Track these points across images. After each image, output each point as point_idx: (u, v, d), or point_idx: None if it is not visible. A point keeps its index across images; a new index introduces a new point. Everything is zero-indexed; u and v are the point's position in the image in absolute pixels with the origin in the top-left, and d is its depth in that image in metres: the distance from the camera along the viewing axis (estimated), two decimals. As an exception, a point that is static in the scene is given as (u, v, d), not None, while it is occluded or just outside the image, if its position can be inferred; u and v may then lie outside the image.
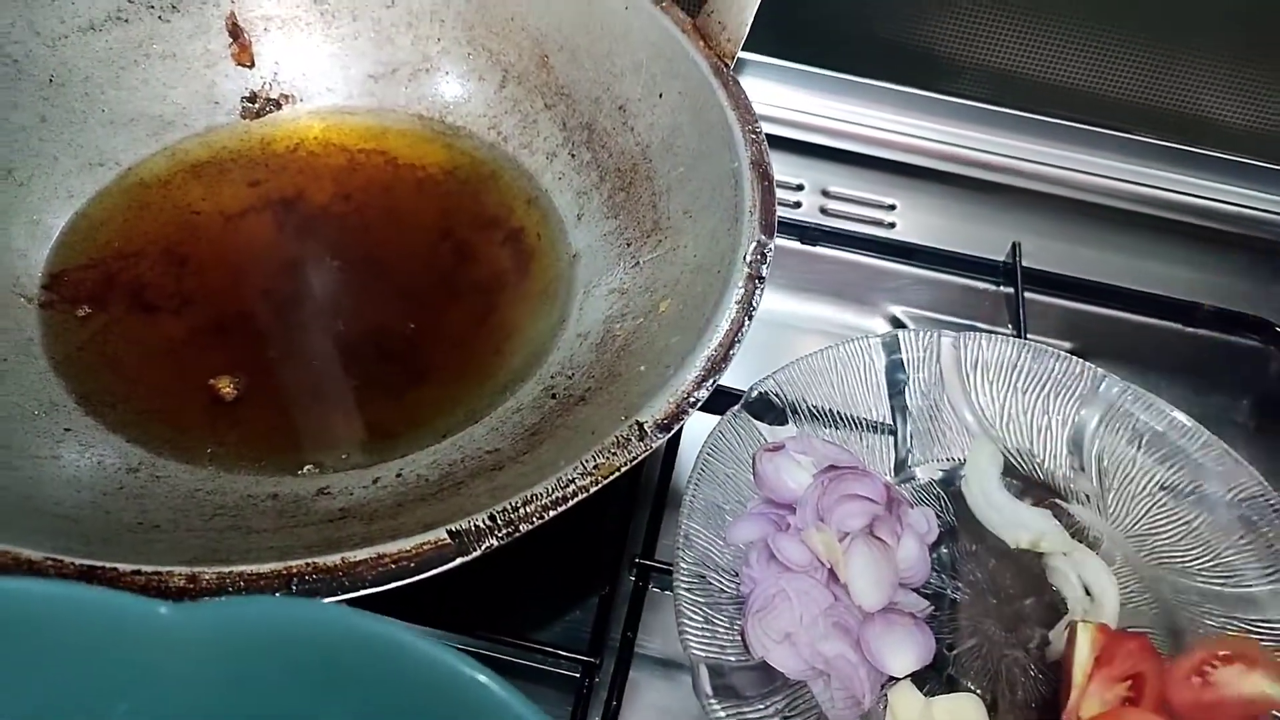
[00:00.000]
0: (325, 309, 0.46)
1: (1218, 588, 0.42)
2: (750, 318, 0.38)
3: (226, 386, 0.42)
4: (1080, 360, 0.47)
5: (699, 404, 0.36)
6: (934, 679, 0.39)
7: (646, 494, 0.44)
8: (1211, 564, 0.43)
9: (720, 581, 0.39)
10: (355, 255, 0.48)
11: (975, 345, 0.48)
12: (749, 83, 0.62)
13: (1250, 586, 0.42)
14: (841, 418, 0.46)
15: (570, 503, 0.32)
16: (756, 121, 0.45)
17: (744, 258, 0.40)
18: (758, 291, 0.39)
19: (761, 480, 0.42)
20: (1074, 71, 0.59)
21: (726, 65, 0.48)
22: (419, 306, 0.47)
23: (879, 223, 0.59)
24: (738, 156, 0.44)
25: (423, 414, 0.42)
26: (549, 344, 0.45)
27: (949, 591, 0.41)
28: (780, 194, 0.59)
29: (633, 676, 0.42)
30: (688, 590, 0.38)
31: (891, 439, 0.46)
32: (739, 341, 0.37)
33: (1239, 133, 0.60)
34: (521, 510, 0.32)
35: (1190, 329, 0.56)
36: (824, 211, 0.59)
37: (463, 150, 0.53)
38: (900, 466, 0.45)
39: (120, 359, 0.43)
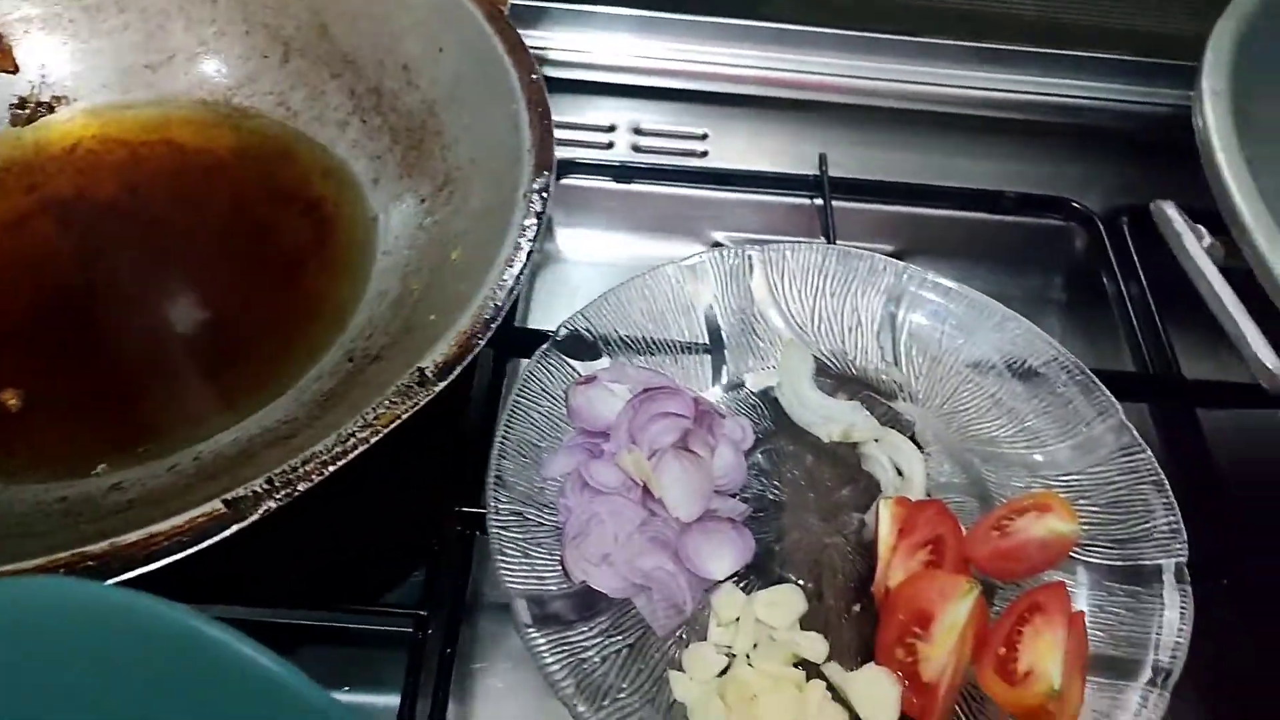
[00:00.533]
0: (118, 305, 0.45)
1: (1021, 452, 0.44)
2: (531, 253, 0.38)
3: (11, 399, 0.40)
4: (884, 258, 0.49)
5: (482, 344, 0.36)
6: (757, 577, 0.40)
7: (469, 444, 0.44)
8: (1015, 431, 0.45)
9: (539, 517, 0.40)
10: (146, 248, 0.47)
11: (780, 256, 0.49)
12: (549, 31, 0.62)
13: (1049, 446, 0.44)
14: (656, 344, 0.46)
15: (350, 456, 0.32)
16: (533, 65, 0.45)
17: (523, 195, 0.40)
18: (537, 227, 0.39)
19: (575, 413, 0.42)
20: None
21: (501, 13, 0.48)
22: (219, 290, 0.46)
23: (692, 153, 0.60)
24: (516, 99, 0.44)
25: (227, 396, 0.42)
26: (351, 309, 0.44)
27: (769, 493, 0.43)
28: (592, 136, 0.60)
29: (480, 625, 0.42)
30: (502, 529, 0.38)
31: (708, 357, 0.47)
32: (521, 277, 0.38)
33: (1025, 23, 0.62)
34: (301, 469, 0.32)
35: (997, 216, 0.58)
36: (637, 149, 0.59)
37: (252, 130, 0.52)
38: (719, 382, 0.46)
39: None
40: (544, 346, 0.44)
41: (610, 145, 0.59)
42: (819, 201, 0.56)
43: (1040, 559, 0.39)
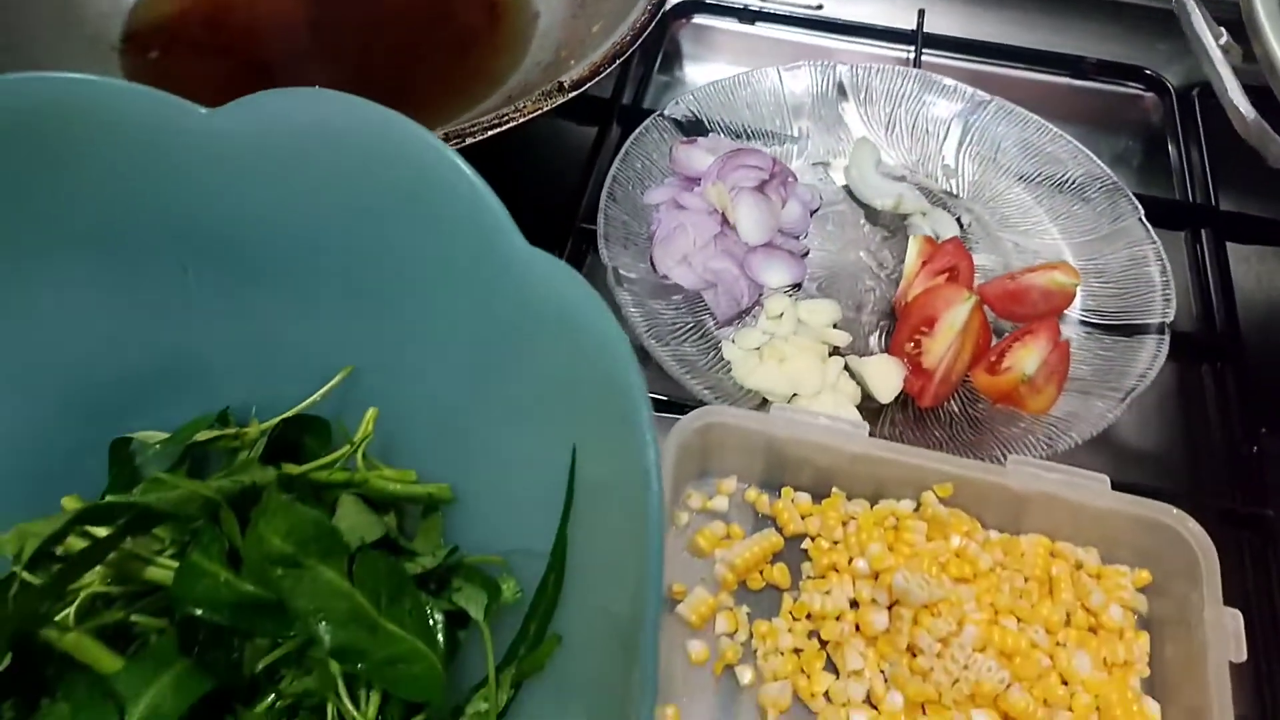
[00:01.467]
0: (328, 54, 0.59)
1: (1051, 242, 0.52)
2: (654, 18, 0.49)
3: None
4: (958, 83, 0.57)
5: (605, 72, 0.46)
6: (805, 293, 0.49)
7: (597, 186, 0.54)
8: (1049, 224, 0.52)
9: (639, 228, 0.50)
10: (356, 17, 0.60)
11: (867, 71, 0.57)
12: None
13: (1076, 239, 0.51)
14: (754, 131, 0.56)
15: (503, 127, 0.44)
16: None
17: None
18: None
19: (675, 161, 0.52)
20: None
21: None
22: (406, 52, 0.58)
23: (809, 4, 0.68)
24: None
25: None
26: (510, 75, 0.56)
27: (828, 243, 0.52)
28: (725, -12, 0.70)
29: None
30: (607, 226, 0.49)
31: (795, 146, 0.56)
32: (642, 33, 0.48)
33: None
34: (469, 129, 0.43)
35: (1078, 80, 0.64)
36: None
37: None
38: (801, 162, 0.56)
39: (181, 89, 0.55)
40: (654, 115, 0.54)
41: (740, -6, 0.69)
42: (913, 52, 0.64)
43: (1044, 304, 0.47)
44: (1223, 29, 0.45)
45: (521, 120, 0.44)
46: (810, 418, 0.38)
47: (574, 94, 0.46)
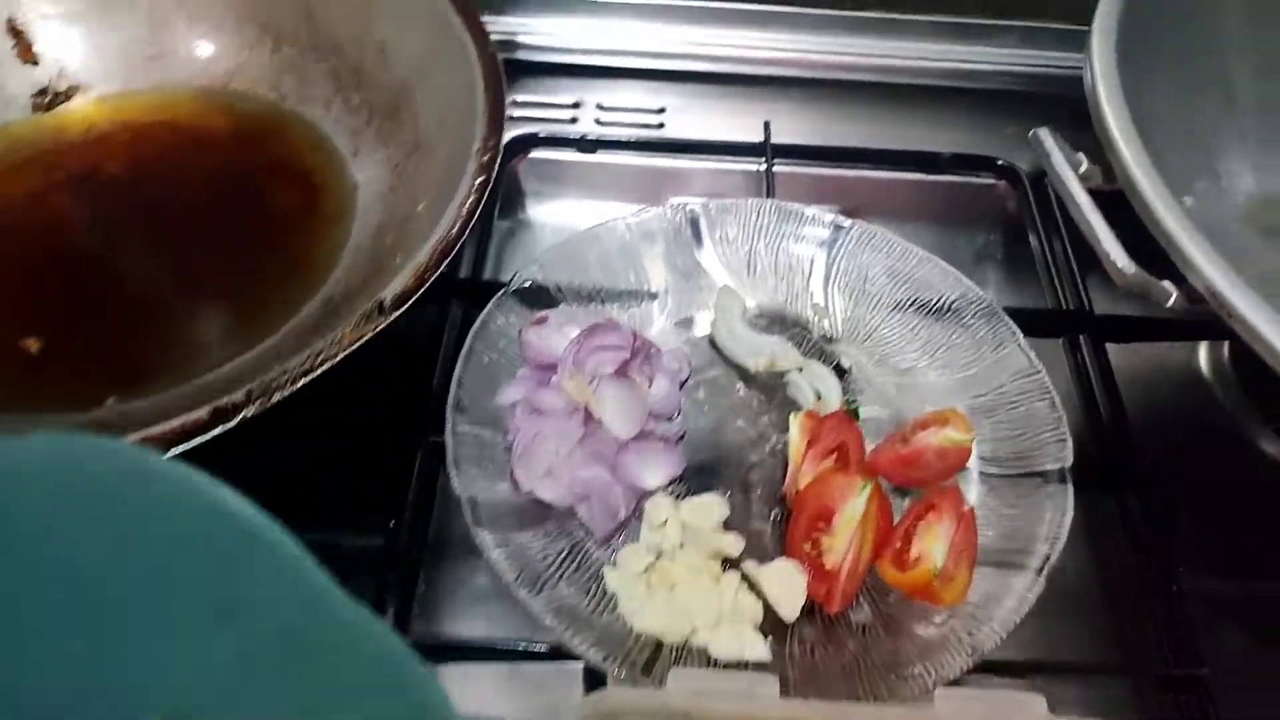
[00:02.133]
0: (125, 265, 0.51)
1: (934, 379, 0.49)
2: (482, 199, 0.44)
3: (33, 344, 0.46)
4: (817, 210, 0.54)
5: (433, 278, 0.41)
6: (687, 488, 0.45)
7: (440, 386, 0.49)
8: (929, 360, 0.49)
9: (493, 438, 0.45)
10: (151, 216, 0.53)
11: (722, 211, 0.54)
12: (519, 18, 0.67)
13: (959, 373, 0.48)
14: (607, 292, 0.51)
15: (317, 371, 0.38)
16: (488, 39, 0.51)
17: (475, 151, 0.45)
18: (488, 175, 0.44)
19: (526, 347, 0.47)
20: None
21: (463, -6, 0.53)
22: (216, 250, 0.51)
23: (650, 126, 0.64)
24: (474, 69, 0.49)
25: (221, 339, 0.47)
26: (333, 262, 0.50)
27: (701, 418, 0.47)
28: (559, 114, 0.66)
29: (446, 544, 0.47)
30: (459, 446, 0.43)
31: (654, 303, 0.52)
32: (471, 220, 0.43)
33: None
34: (276, 381, 0.37)
35: (934, 176, 0.62)
36: (600, 123, 0.64)
37: (247, 111, 0.58)
38: (662, 322, 0.51)
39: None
40: (500, 293, 0.49)
41: (575, 120, 0.65)
42: (764, 165, 0.61)
43: (939, 466, 0.43)
44: (1081, 154, 0.43)
45: (340, 357, 0.38)
46: (711, 679, 0.34)
47: (397, 313, 0.40)
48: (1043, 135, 0.41)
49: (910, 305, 0.51)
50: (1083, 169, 0.42)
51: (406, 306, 0.40)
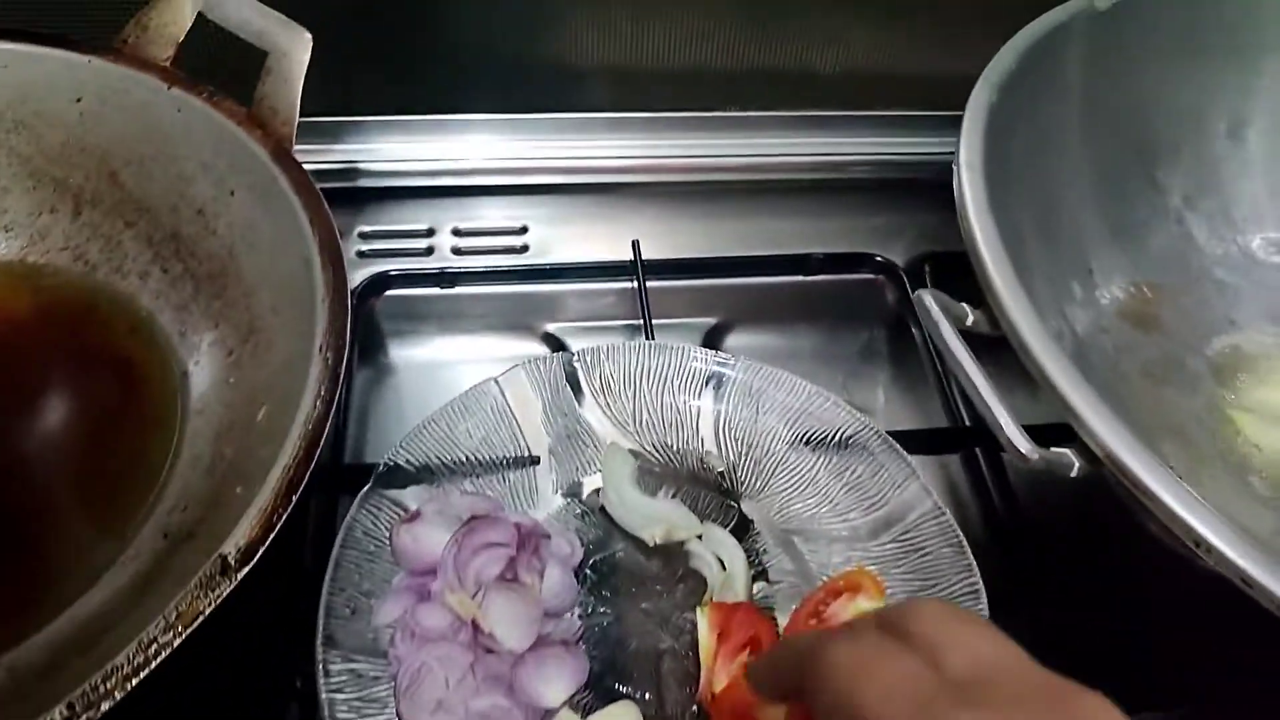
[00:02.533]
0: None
1: (837, 528, 0.46)
2: (330, 413, 0.39)
3: None
4: (698, 349, 0.51)
5: (282, 520, 0.36)
6: (595, 695, 0.41)
7: (306, 604, 0.43)
8: (830, 508, 0.47)
9: (375, 669, 0.40)
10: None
11: (596, 358, 0.50)
12: (356, 143, 0.62)
13: (860, 519, 0.46)
14: (483, 463, 0.47)
15: (155, 663, 0.32)
16: (322, 203, 0.45)
17: (319, 349, 0.40)
18: (334, 385, 0.39)
19: (401, 554, 0.42)
20: (657, 61, 0.62)
21: (286, 150, 0.48)
22: (21, 470, 0.44)
23: (512, 248, 0.60)
24: (307, 242, 0.44)
25: (36, 592, 0.41)
26: (165, 477, 0.44)
27: (602, 605, 0.44)
28: (411, 244, 0.61)
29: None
30: (335, 692, 0.38)
31: (535, 469, 0.48)
32: (318, 444, 0.38)
33: (820, 86, 0.65)
34: (102, 688, 0.31)
35: (808, 277, 0.61)
36: (458, 251, 0.60)
37: (51, 288, 0.50)
38: (549, 494, 0.47)
39: None
40: (365, 489, 0.44)
41: (430, 250, 0.60)
42: (635, 284, 0.58)
43: (856, 638, 0.41)
44: (965, 306, 0.41)
45: (178, 643, 0.33)
46: None
47: (245, 570, 0.35)
48: (926, 300, 0.39)
49: (804, 443, 0.49)
50: (969, 320, 0.40)
51: (254, 562, 0.35)
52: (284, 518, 0.36)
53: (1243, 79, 0.56)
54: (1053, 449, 0.36)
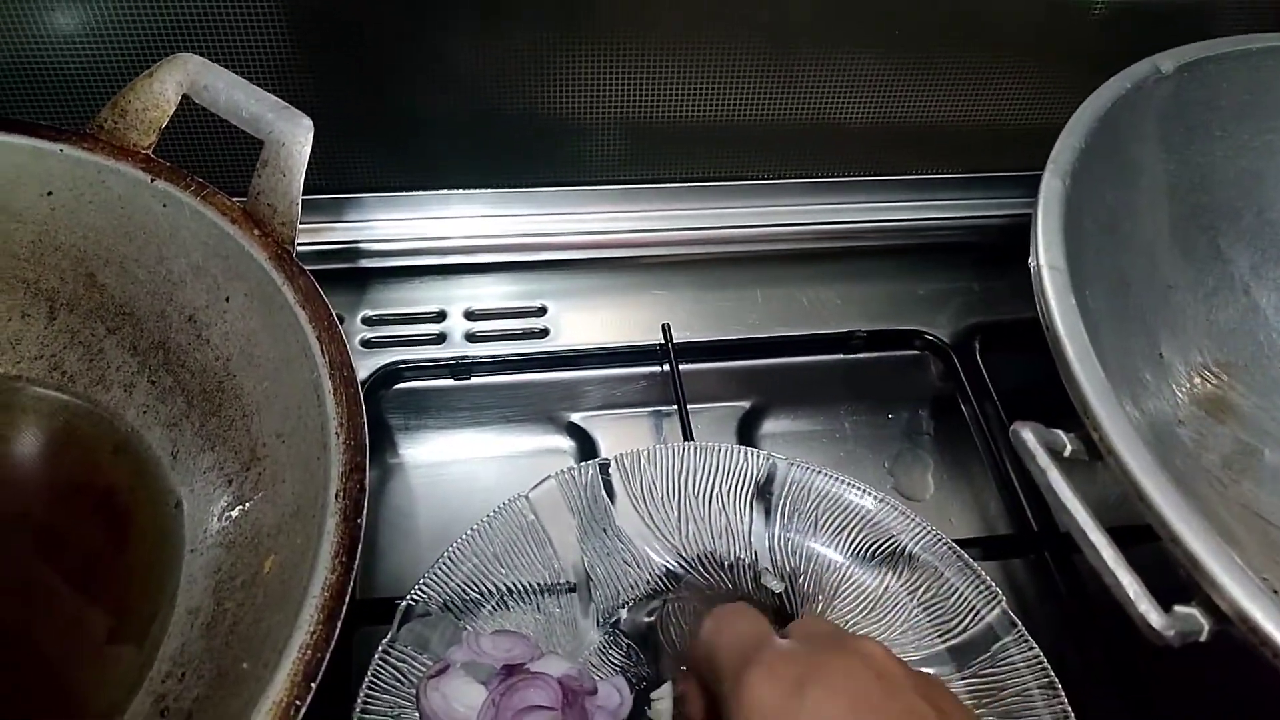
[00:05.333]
0: None
1: (910, 656, 0.42)
2: (350, 579, 0.34)
3: None
4: (746, 449, 0.46)
5: (303, 708, 0.31)
6: None
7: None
8: (901, 631, 0.43)
9: None
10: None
11: (634, 463, 0.46)
12: (363, 219, 0.57)
13: (935, 645, 0.42)
14: (516, 592, 0.43)
15: None
16: (332, 317, 0.41)
17: (334, 496, 0.35)
18: (355, 543, 0.34)
19: (431, 717, 0.38)
20: (678, 122, 0.58)
21: (289, 253, 0.43)
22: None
23: (531, 332, 0.56)
24: (315, 364, 0.39)
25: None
26: (159, 632, 0.39)
27: (661, 752, 0.40)
28: (423, 330, 0.56)
29: None
30: None
31: (574, 596, 0.43)
32: (339, 616, 0.33)
33: (853, 145, 0.61)
34: None
35: (850, 355, 0.57)
36: (470, 337, 0.55)
37: (24, 407, 0.45)
38: (589, 624, 0.43)
39: None
40: (385, 641, 0.39)
41: (443, 337, 0.55)
42: (667, 368, 0.53)
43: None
44: (1060, 433, 0.37)
45: None
46: None
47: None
48: (1025, 435, 0.35)
49: (870, 557, 0.44)
50: (1067, 451, 0.36)
51: (271, 769, 0.30)
52: (302, 711, 0.31)
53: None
54: (1177, 609, 0.32)
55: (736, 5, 0.52)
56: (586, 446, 0.53)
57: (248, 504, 0.40)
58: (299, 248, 0.44)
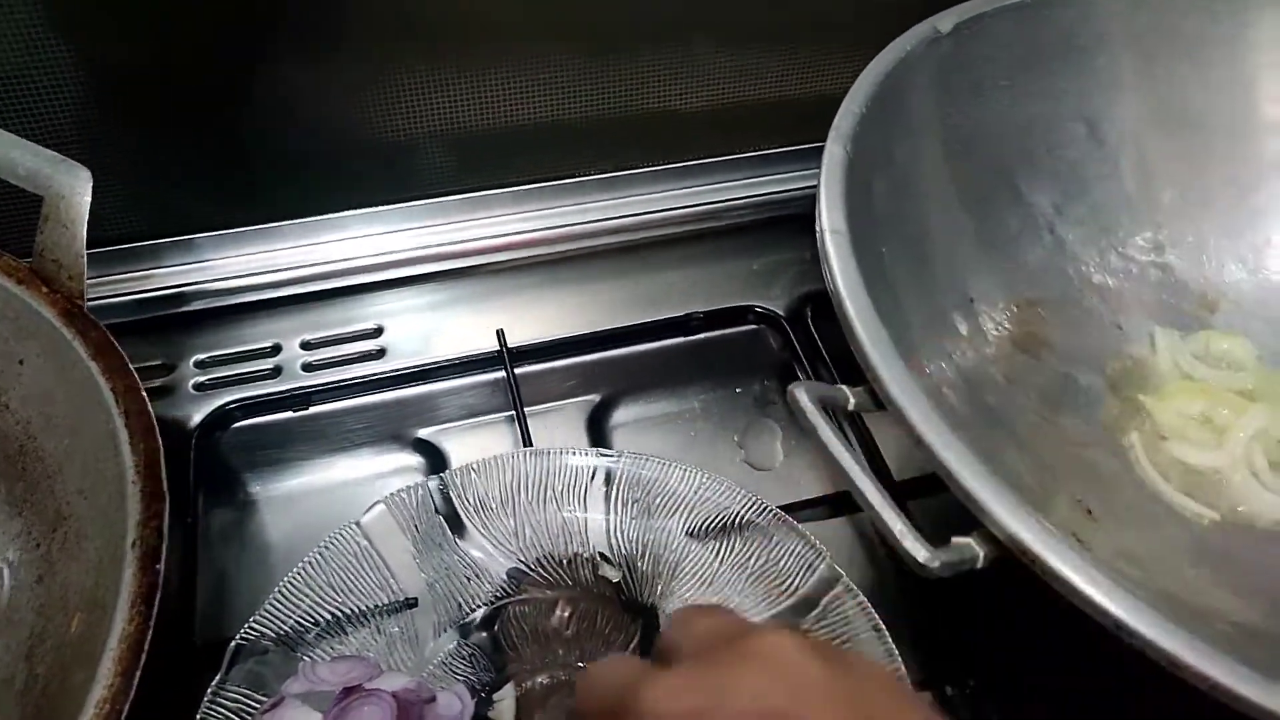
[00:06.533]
0: None
1: (755, 619, 0.43)
2: (149, 626, 0.33)
3: None
4: (577, 449, 0.47)
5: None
6: None
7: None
8: (741, 599, 0.44)
9: None
10: None
11: (465, 478, 0.46)
12: (185, 262, 0.56)
13: (771, 610, 0.43)
14: (354, 617, 0.42)
15: None
16: (127, 367, 0.40)
17: (130, 544, 0.35)
18: (152, 590, 0.34)
19: (265, 752, 0.38)
20: (504, 126, 0.58)
21: (79, 307, 0.42)
22: None
23: (369, 354, 0.55)
24: (110, 415, 0.39)
25: None
26: (-25, 709, 0.38)
27: (509, 755, 0.40)
28: (255, 366, 0.55)
29: None
30: None
31: (412, 614, 0.43)
32: (136, 668, 0.32)
33: (674, 138, 0.62)
34: None
35: (691, 337, 0.58)
36: (308, 368, 0.55)
37: None
38: (431, 637, 0.43)
39: None
40: (213, 685, 0.39)
41: (278, 371, 0.54)
42: (503, 372, 0.53)
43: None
44: (844, 389, 0.38)
45: None
46: None
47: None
48: (801, 398, 0.36)
49: (704, 533, 0.45)
50: (851, 404, 0.38)
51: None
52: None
53: (1085, 80, 0.55)
54: (954, 540, 0.33)
55: (548, 13, 0.53)
56: (436, 461, 0.53)
57: (56, 565, 0.40)
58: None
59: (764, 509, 0.45)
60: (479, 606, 0.44)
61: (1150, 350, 0.53)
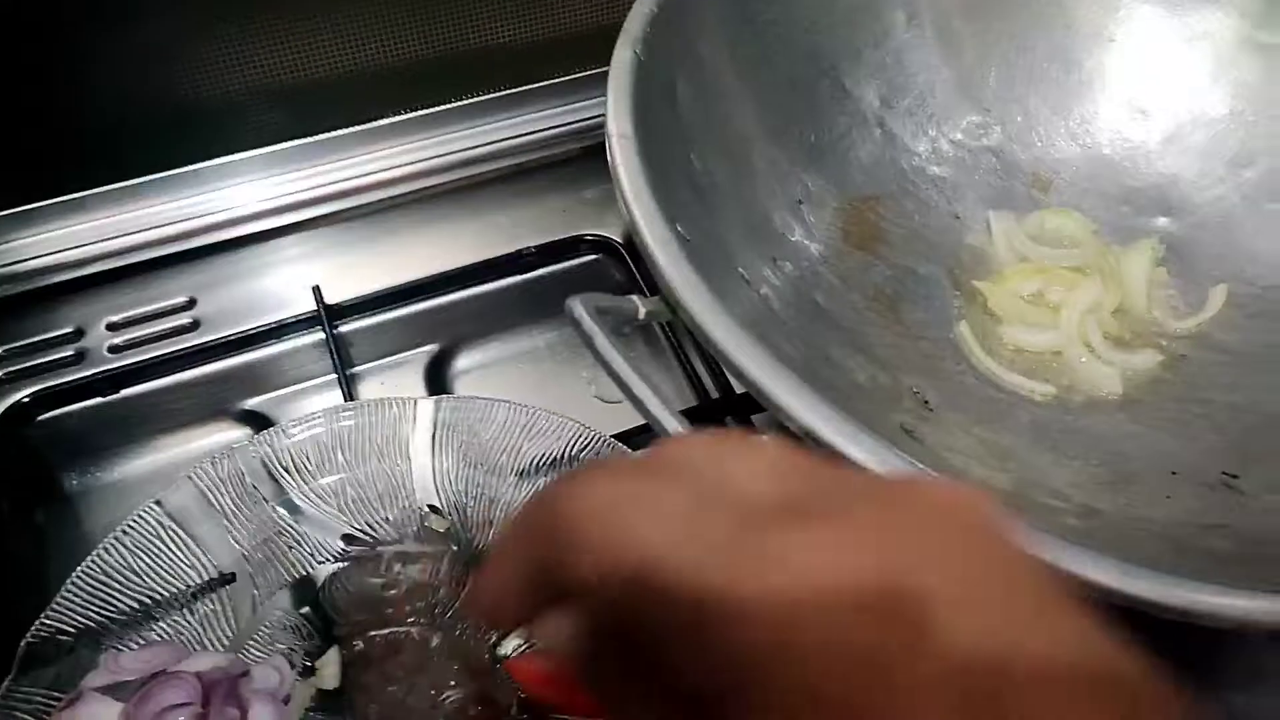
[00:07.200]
0: None
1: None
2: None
3: None
4: (397, 400, 0.44)
5: None
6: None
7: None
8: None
9: None
10: None
11: (275, 441, 0.43)
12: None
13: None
14: (165, 603, 0.40)
15: None
16: None
17: None
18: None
19: (61, 752, 0.35)
20: (306, 75, 0.55)
21: None
22: None
23: (181, 329, 0.52)
24: None
25: None
26: None
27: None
28: (58, 354, 0.51)
29: None
30: None
31: (229, 589, 0.41)
32: None
33: (492, 63, 0.59)
34: None
35: (527, 274, 0.55)
36: (115, 350, 0.51)
37: None
38: (250, 611, 0.41)
39: None
40: (4, 687, 0.36)
41: (81, 356, 0.51)
42: (324, 332, 0.50)
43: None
44: (635, 299, 0.36)
45: None
46: None
47: None
48: (575, 308, 0.34)
49: (536, 471, 0.43)
50: (642, 313, 0.36)
51: None
52: None
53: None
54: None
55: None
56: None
57: None
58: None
59: (597, 439, 0.43)
60: (301, 574, 0.41)
61: (988, 237, 0.52)
